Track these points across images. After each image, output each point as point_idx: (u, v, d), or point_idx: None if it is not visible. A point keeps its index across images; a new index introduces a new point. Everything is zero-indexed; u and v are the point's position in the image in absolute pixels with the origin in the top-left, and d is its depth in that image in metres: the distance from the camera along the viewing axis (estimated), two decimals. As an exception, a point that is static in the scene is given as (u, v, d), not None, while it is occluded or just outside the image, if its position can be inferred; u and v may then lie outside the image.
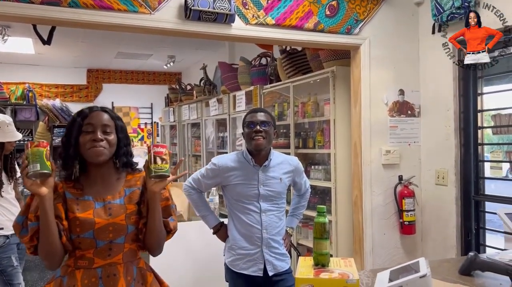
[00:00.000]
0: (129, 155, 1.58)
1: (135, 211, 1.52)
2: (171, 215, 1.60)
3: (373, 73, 2.95)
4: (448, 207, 2.86)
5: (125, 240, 1.50)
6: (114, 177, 1.55)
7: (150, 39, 5.78)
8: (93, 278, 1.45)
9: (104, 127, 1.49)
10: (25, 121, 6.86)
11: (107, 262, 1.47)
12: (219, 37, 2.61)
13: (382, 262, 2.97)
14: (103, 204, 1.49)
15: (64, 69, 7.63)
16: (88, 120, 1.49)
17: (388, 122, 3.01)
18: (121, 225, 1.48)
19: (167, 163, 1.44)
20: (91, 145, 1.45)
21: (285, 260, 2.22)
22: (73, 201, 1.47)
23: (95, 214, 1.46)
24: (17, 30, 5.09)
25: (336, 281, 1.22)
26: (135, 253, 1.56)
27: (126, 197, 1.53)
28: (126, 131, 1.60)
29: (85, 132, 1.47)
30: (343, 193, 3.14)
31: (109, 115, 1.53)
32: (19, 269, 2.89)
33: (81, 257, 1.46)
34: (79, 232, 1.44)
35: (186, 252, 2.94)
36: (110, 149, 1.49)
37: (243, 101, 4.46)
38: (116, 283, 1.46)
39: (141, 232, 1.53)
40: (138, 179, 1.58)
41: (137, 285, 1.52)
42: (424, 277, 1.17)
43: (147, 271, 1.59)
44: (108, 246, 1.47)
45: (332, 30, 2.79)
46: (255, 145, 2.15)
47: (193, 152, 6.27)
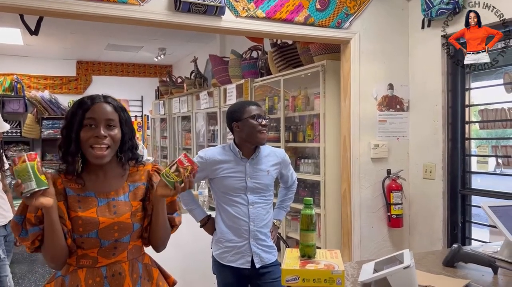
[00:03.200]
0: (134, 149, 1.48)
1: (140, 208, 1.44)
2: (176, 210, 1.53)
3: (362, 67, 2.96)
4: (435, 201, 2.89)
5: (130, 238, 1.42)
6: (117, 172, 1.45)
7: (140, 31, 5.74)
8: (97, 277, 1.37)
9: (108, 121, 1.38)
10: (13, 113, 6.78)
11: (112, 261, 1.39)
12: (209, 30, 2.60)
13: (370, 254, 3.00)
14: (106, 201, 1.39)
15: (53, 60, 7.54)
16: (90, 113, 1.36)
17: (377, 116, 3.03)
18: (126, 224, 1.39)
19: (179, 177, 1.35)
20: (93, 142, 1.35)
21: (272, 252, 2.23)
22: (75, 198, 1.37)
23: (99, 212, 1.37)
24: (5, 20, 5.01)
25: (321, 272, 1.23)
26: (140, 249, 1.49)
27: (131, 193, 1.44)
28: (131, 123, 1.48)
29: (87, 127, 1.36)
30: (332, 187, 3.16)
31: (113, 107, 1.41)
32: (6, 262, 2.87)
33: (84, 256, 1.38)
34: (82, 232, 1.35)
35: (174, 245, 2.92)
36: (113, 146, 1.39)
37: (234, 94, 4.45)
38: (122, 282, 1.39)
39: (146, 230, 1.46)
40: (142, 173, 1.49)
41: (143, 282, 1.45)
42: (408, 268, 1.19)
43: (152, 266, 1.52)
44: (113, 245, 1.39)
45: (323, 24, 2.79)
46: (262, 139, 2.15)
47: (183, 146, 6.25)
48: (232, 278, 2.18)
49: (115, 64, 8.07)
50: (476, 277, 1.52)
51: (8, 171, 3.42)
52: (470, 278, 1.48)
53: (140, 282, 1.44)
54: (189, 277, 3.04)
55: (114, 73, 8.08)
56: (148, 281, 1.47)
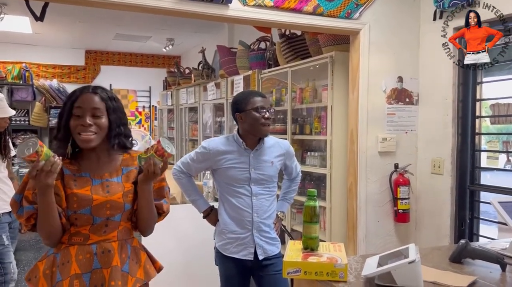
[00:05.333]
0: (122, 136, 1.54)
1: (131, 190, 1.53)
2: (164, 197, 1.60)
3: (372, 59, 2.91)
4: (443, 196, 2.84)
5: (121, 218, 1.51)
6: (110, 157, 1.55)
7: (149, 21, 5.71)
8: (87, 254, 1.45)
9: (94, 110, 1.47)
10: (22, 101, 6.80)
11: (102, 238, 1.48)
12: (216, 18, 2.56)
13: (375, 249, 2.96)
14: (100, 181, 1.49)
15: (62, 49, 7.54)
16: (78, 103, 1.47)
17: (386, 109, 2.98)
18: (118, 203, 1.48)
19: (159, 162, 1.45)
20: (80, 130, 1.45)
21: (276, 244, 2.20)
22: (71, 177, 1.47)
23: (93, 191, 1.46)
24: (13, 8, 5.00)
25: (324, 265, 1.20)
26: (130, 231, 1.57)
27: (124, 176, 1.54)
28: (120, 111, 1.55)
29: (75, 116, 1.46)
30: (339, 180, 3.12)
31: (100, 97, 1.49)
32: (10, 248, 2.88)
33: (76, 234, 1.47)
34: (76, 208, 1.44)
35: (177, 235, 2.93)
36: (100, 133, 1.48)
37: (241, 85, 4.41)
38: (110, 259, 1.47)
39: (134, 213, 1.54)
40: (135, 158, 1.57)
41: (131, 263, 1.53)
42: (413, 263, 1.15)
43: (140, 250, 1.60)
44: (104, 222, 1.48)
45: (332, 14, 2.74)
46: (265, 132, 2.12)
47: (190, 137, 6.23)
48: (235, 270, 2.16)
49: (123, 54, 8.06)
50: (484, 274, 1.48)
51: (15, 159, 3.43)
52: (477, 275, 1.43)
53: (128, 263, 1.51)
54: (191, 268, 3.03)
55: (123, 63, 8.07)
56: (136, 263, 1.55)
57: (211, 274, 2.58)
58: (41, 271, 1.47)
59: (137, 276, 1.53)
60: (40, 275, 1.46)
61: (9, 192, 2.85)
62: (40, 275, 1.46)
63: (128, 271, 1.50)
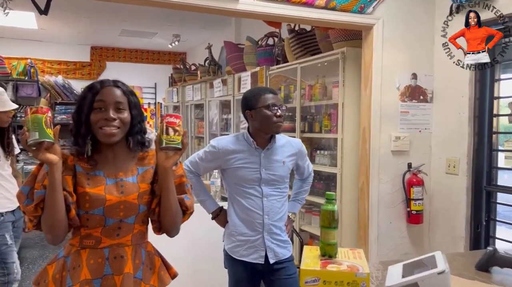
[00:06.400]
0: (142, 133, 1.48)
1: (148, 191, 1.44)
2: (185, 193, 1.49)
3: (385, 55, 2.82)
4: (458, 197, 2.76)
5: (135, 221, 1.42)
6: (126, 155, 1.46)
7: (155, 17, 5.64)
8: (99, 258, 1.37)
9: (117, 104, 1.39)
10: (27, 97, 6.74)
11: (115, 242, 1.39)
12: (226, 12, 2.48)
13: (387, 251, 2.89)
14: (115, 181, 1.40)
15: (67, 45, 7.48)
16: (100, 96, 1.38)
17: (399, 107, 2.89)
18: (133, 204, 1.40)
19: (179, 135, 1.33)
20: (103, 124, 1.36)
21: (287, 247, 2.12)
22: (83, 175, 1.39)
23: (107, 190, 1.38)
24: (18, 3, 4.92)
25: (344, 274, 1.12)
26: (144, 235, 1.48)
27: (139, 176, 1.44)
28: (140, 106, 1.48)
29: (96, 109, 1.37)
30: (349, 180, 3.03)
31: (121, 90, 1.42)
32: (13, 248, 2.82)
33: (87, 236, 1.38)
34: (88, 208, 1.36)
35: (185, 236, 2.84)
36: (123, 128, 1.40)
37: (248, 82, 4.33)
38: (123, 265, 1.37)
39: (153, 212, 1.44)
40: (151, 157, 1.49)
41: (145, 269, 1.44)
42: (443, 273, 1.07)
43: (155, 255, 1.51)
44: (117, 225, 1.39)
45: (345, 8, 2.65)
46: (276, 130, 2.04)
47: (196, 134, 6.17)
48: (245, 273, 2.08)
49: (129, 51, 8.00)
50: (514, 284, 1.39)
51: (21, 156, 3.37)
52: (506, 285, 1.35)
53: (142, 269, 1.43)
54: (199, 271, 2.96)
55: (128, 60, 8.01)
56: (150, 269, 1.47)
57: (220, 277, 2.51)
58: (50, 275, 1.39)
59: (150, 283, 1.44)
60: (49, 280, 1.38)
61: (13, 191, 2.79)
62: (50, 280, 1.38)
63: (142, 278, 1.42)
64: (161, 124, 1.34)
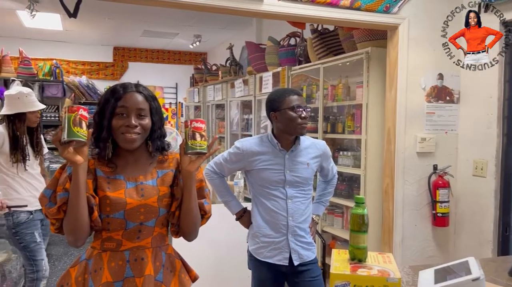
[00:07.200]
0: (162, 138, 1.50)
1: (167, 194, 1.45)
2: (204, 197, 1.50)
3: (411, 55, 2.78)
4: (486, 199, 2.70)
5: (155, 224, 1.43)
6: (146, 159, 1.47)
7: (176, 17, 5.68)
8: (120, 261, 1.38)
9: (139, 111, 1.40)
10: (52, 98, 6.89)
11: (136, 245, 1.40)
12: (249, 14, 2.48)
13: (412, 254, 2.85)
14: (135, 184, 1.41)
15: (91, 46, 7.62)
16: (122, 102, 1.39)
17: (425, 108, 2.84)
18: (153, 207, 1.41)
19: (205, 140, 1.35)
20: (124, 130, 1.38)
21: (311, 249, 2.11)
22: (104, 179, 1.40)
23: (127, 194, 1.39)
24: (45, 5, 5.05)
25: (375, 279, 1.11)
26: (164, 238, 1.48)
27: (159, 179, 1.45)
28: (161, 111, 1.50)
29: (118, 115, 1.39)
30: (373, 181, 3.00)
31: (144, 96, 1.43)
32: (42, 245, 2.89)
33: (108, 239, 1.40)
34: (109, 211, 1.37)
35: (208, 237, 2.87)
36: (143, 133, 1.41)
37: (270, 82, 4.33)
38: (143, 267, 1.38)
39: (173, 215, 1.45)
40: (171, 160, 1.50)
41: (165, 271, 1.44)
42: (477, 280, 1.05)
43: (175, 258, 1.52)
44: (138, 227, 1.40)
45: (370, 8, 2.62)
46: (301, 131, 2.03)
47: (217, 134, 6.20)
48: (269, 275, 2.08)
49: (150, 51, 8.09)
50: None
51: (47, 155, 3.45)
52: (541, 292, 1.32)
53: (162, 271, 1.43)
54: (222, 272, 2.97)
55: (150, 60, 8.10)
56: (171, 272, 1.47)
57: (243, 277, 2.52)
58: (73, 278, 1.41)
59: (171, 286, 1.45)
60: (72, 282, 1.40)
61: (42, 189, 2.86)
62: (72, 282, 1.40)
63: (162, 280, 1.43)
64: (187, 129, 1.35)
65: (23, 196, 2.81)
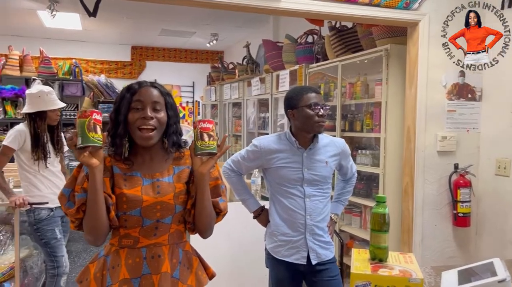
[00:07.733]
0: (178, 134, 1.50)
1: (183, 191, 1.45)
2: (220, 195, 1.51)
3: (431, 52, 2.72)
4: (509, 199, 2.63)
5: (172, 220, 1.43)
6: (162, 156, 1.47)
7: (193, 16, 5.70)
8: (137, 258, 1.39)
9: (154, 104, 1.41)
10: (72, 96, 7.00)
11: (152, 242, 1.40)
12: (267, 11, 2.46)
13: (432, 254, 2.80)
14: (151, 181, 1.42)
15: (109, 45, 7.71)
16: (137, 96, 1.40)
17: (446, 105, 2.78)
18: (169, 204, 1.41)
19: (214, 140, 1.34)
20: (140, 123, 1.38)
21: (330, 249, 2.09)
22: (121, 176, 1.40)
23: (143, 191, 1.39)
24: (65, 5, 5.13)
25: (397, 279, 1.09)
26: (182, 235, 1.49)
27: (175, 176, 1.45)
28: (176, 107, 1.50)
29: (134, 109, 1.40)
30: (392, 180, 2.96)
31: (159, 91, 1.44)
32: (62, 242, 2.93)
33: (126, 236, 1.40)
34: (126, 209, 1.38)
35: (226, 234, 2.87)
36: (159, 128, 1.41)
37: (287, 80, 4.31)
38: (160, 264, 1.39)
39: (189, 213, 1.45)
40: (187, 157, 1.51)
41: (182, 268, 1.45)
42: (504, 282, 1.02)
43: (193, 255, 1.52)
44: (154, 225, 1.40)
45: (389, 4, 2.58)
46: (319, 129, 2.01)
47: (233, 132, 6.21)
48: (286, 273, 2.07)
49: (168, 50, 8.14)
50: None
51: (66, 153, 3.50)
52: None
53: (179, 268, 1.44)
54: (240, 269, 2.97)
55: (167, 59, 8.16)
56: (188, 269, 1.47)
57: (260, 275, 2.52)
58: (92, 273, 1.43)
59: (188, 283, 1.45)
60: (91, 278, 1.42)
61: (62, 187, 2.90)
62: (91, 278, 1.42)
63: (179, 277, 1.43)
64: (195, 130, 1.35)
65: (44, 193, 2.86)
